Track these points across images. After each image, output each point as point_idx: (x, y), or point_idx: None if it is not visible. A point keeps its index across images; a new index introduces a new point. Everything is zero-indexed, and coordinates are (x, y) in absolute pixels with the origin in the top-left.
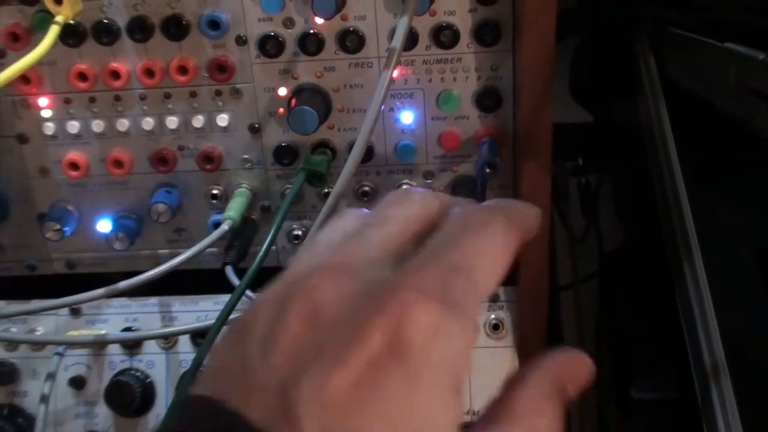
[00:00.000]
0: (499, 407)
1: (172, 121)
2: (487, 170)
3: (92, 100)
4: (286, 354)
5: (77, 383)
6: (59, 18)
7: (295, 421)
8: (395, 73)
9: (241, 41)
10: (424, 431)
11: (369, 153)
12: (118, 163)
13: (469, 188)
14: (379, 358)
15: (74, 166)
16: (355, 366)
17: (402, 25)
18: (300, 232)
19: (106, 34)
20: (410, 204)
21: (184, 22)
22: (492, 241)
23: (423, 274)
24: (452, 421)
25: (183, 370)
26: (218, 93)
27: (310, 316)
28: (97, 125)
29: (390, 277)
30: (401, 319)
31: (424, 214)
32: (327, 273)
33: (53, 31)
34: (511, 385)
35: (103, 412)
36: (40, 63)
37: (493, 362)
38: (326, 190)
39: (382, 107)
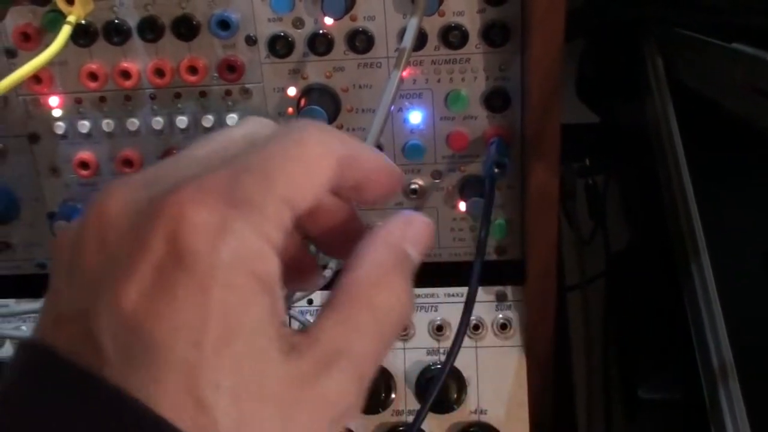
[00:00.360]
0: (338, 290)
1: (182, 121)
2: (496, 170)
3: (102, 99)
4: (84, 279)
5: None
6: (71, 18)
7: (97, 347)
8: (404, 73)
9: (250, 41)
10: (229, 334)
11: None
12: (129, 163)
13: (477, 188)
14: (165, 267)
15: (84, 165)
16: (141, 280)
17: (412, 26)
18: None
19: (116, 34)
20: (243, 126)
21: (194, 23)
22: (302, 148)
23: (211, 175)
24: (262, 318)
25: None
26: (228, 93)
27: (101, 234)
28: (108, 125)
29: (184, 180)
30: (178, 222)
31: (254, 133)
32: (118, 188)
33: (65, 31)
34: (348, 264)
35: None
36: (51, 63)
37: (501, 362)
38: None
39: (392, 107)
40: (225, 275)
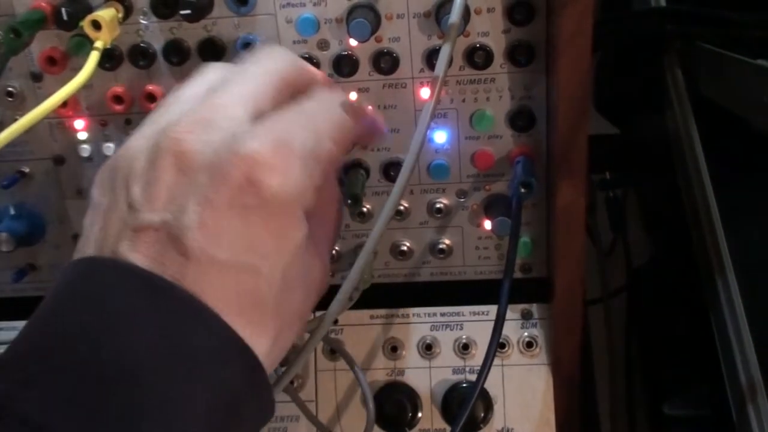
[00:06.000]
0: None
1: None
2: (522, 190)
3: (128, 122)
4: (163, 198)
5: None
6: (98, 44)
7: (184, 249)
8: (427, 93)
9: None
10: (275, 251)
11: None
12: None
13: (502, 207)
14: (239, 194)
15: None
16: (221, 201)
17: (444, 54)
18: (334, 251)
19: (142, 57)
20: (271, 63)
21: (219, 45)
22: (339, 118)
23: (280, 126)
24: (300, 239)
25: None
26: None
27: (180, 164)
28: None
29: (251, 128)
30: (257, 163)
31: (282, 74)
32: (193, 125)
33: (93, 57)
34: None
35: None
36: None
37: (527, 380)
38: (360, 210)
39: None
40: (288, 206)
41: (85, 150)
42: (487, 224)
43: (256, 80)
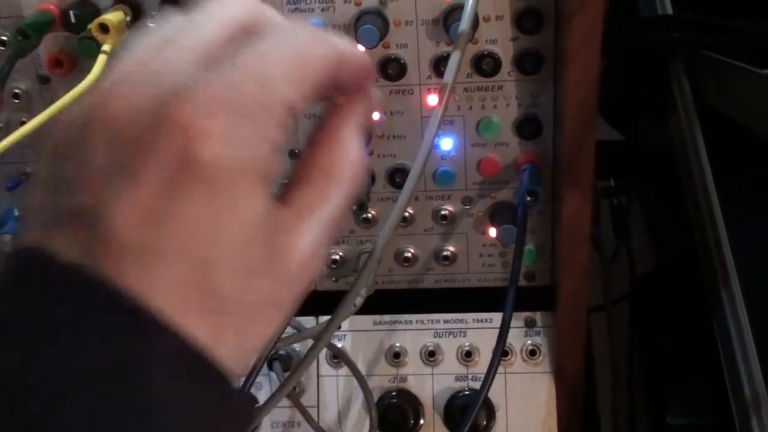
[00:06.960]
0: (308, 165)
1: None
2: (529, 198)
3: None
4: (92, 176)
5: None
6: (106, 47)
7: (118, 242)
8: (434, 100)
9: None
10: (226, 233)
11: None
12: None
13: (508, 214)
14: (175, 172)
15: None
16: (154, 182)
17: (453, 62)
18: (338, 257)
19: None
20: (226, 5)
21: None
22: (299, 50)
23: (214, 83)
24: (259, 214)
25: None
26: None
27: (107, 138)
28: None
29: (188, 85)
30: (188, 133)
31: (239, 16)
32: (120, 88)
33: (101, 60)
34: (316, 138)
35: None
36: None
37: (530, 388)
38: (365, 216)
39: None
40: (237, 178)
41: None
42: (492, 232)
43: (209, 25)
